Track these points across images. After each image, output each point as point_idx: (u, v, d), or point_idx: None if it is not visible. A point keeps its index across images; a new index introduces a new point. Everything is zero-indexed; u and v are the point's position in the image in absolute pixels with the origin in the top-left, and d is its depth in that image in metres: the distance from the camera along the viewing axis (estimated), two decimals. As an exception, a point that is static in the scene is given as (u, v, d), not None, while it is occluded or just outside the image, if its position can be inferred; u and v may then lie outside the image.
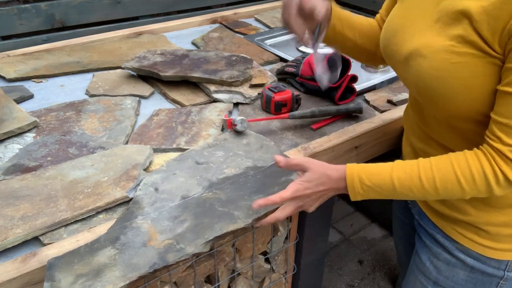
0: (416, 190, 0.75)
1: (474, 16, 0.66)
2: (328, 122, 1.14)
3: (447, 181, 0.72)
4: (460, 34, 0.68)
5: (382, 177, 0.76)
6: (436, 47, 0.71)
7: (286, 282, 1.13)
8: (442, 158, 0.74)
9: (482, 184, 0.70)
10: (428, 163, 0.74)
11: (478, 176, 0.70)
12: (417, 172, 0.74)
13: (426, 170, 0.74)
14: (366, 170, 0.78)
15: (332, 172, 0.80)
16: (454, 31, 0.69)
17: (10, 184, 0.87)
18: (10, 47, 1.54)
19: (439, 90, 0.73)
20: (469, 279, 0.88)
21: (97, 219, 0.82)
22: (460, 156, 0.72)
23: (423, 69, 0.74)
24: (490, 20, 0.65)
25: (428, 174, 0.73)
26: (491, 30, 0.65)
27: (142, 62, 1.33)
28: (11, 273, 0.70)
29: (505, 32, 0.64)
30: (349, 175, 0.78)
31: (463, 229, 0.85)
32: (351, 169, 0.78)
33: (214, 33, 1.68)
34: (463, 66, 0.69)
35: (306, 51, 1.56)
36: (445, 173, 0.72)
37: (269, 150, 0.98)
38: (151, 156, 0.98)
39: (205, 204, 0.83)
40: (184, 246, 0.74)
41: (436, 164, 0.74)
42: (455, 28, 0.69)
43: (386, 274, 1.90)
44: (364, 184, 0.77)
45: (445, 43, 0.70)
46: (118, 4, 1.76)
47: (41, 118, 1.11)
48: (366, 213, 2.22)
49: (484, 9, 0.65)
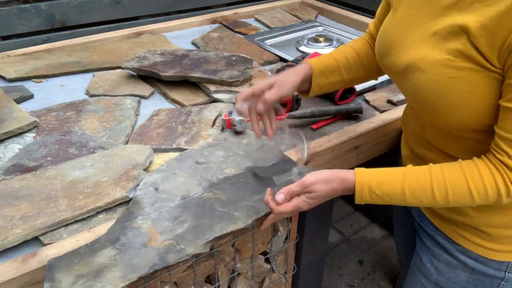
0: (426, 200, 0.74)
1: (472, 31, 0.65)
2: (328, 122, 1.14)
3: (459, 195, 0.72)
4: (457, 48, 0.68)
5: (393, 187, 0.74)
6: (433, 61, 0.71)
7: (286, 282, 1.13)
8: (454, 169, 0.72)
9: (493, 196, 0.70)
10: (441, 174, 0.72)
11: (491, 190, 0.70)
12: (430, 183, 0.73)
13: (439, 181, 0.72)
14: (377, 178, 0.75)
15: (337, 185, 0.77)
16: (452, 45, 0.68)
17: (10, 184, 0.87)
18: (10, 47, 1.54)
19: (438, 103, 0.72)
20: (470, 281, 0.88)
21: (97, 219, 0.82)
22: (473, 168, 0.71)
23: (421, 83, 0.73)
24: (488, 35, 0.64)
25: (441, 186, 0.72)
26: (489, 46, 0.64)
27: (142, 62, 1.33)
28: (11, 273, 0.70)
29: (504, 48, 0.63)
30: (358, 183, 0.75)
31: (464, 231, 0.85)
32: (361, 177, 0.76)
33: (214, 33, 1.68)
34: (462, 80, 0.68)
35: (306, 51, 1.57)
36: (458, 186, 0.71)
37: (269, 150, 0.98)
38: (151, 156, 0.98)
39: (205, 204, 0.83)
40: (184, 247, 0.74)
41: (448, 175, 0.72)
42: (453, 42, 0.68)
43: (386, 274, 1.90)
44: (373, 193, 0.75)
45: (442, 56, 0.69)
46: (118, 4, 1.76)
47: (41, 118, 1.11)
48: (366, 213, 2.22)
49: (482, 24, 0.64)
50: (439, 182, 0.72)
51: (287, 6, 2.03)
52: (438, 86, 0.70)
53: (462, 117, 0.71)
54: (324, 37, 1.62)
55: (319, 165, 1.03)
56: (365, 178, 0.75)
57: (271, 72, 1.36)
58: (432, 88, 0.71)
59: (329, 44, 1.60)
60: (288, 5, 2.03)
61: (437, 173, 0.73)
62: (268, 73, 1.33)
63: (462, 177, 0.71)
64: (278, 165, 0.93)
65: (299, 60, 1.30)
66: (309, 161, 1.00)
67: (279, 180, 0.89)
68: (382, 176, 0.75)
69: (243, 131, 1.04)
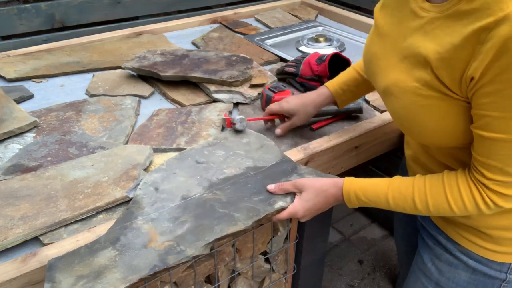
0: (409, 209, 0.78)
1: (433, 63, 0.67)
2: (328, 122, 1.14)
3: (439, 207, 0.75)
4: (423, 78, 0.70)
5: (377, 195, 0.79)
6: (404, 88, 0.73)
7: (286, 282, 1.13)
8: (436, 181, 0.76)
9: (473, 210, 0.73)
10: (423, 186, 0.76)
11: (469, 204, 0.73)
12: (411, 194, 0.76)
13: (420, 193, 0.76)
14: (363, 187, 0.80)
15: (328, 187, 0.83)
16: (418, 74, 0.71)
17: (10, 184, 0.87)
18: (10, 47, 1.54)
19: (415, 129, 0.76)
20: (470, 281, 0.88)
21: (97, 219, 0.82)
22: (453, 183, 0.74)
23: (395, 108, 0.77)
24: (447, 68, 0.66)
25: (422, 197, 0.76)
26: (450, 77, 0.66)
27: (142, 62, 1.32)
28: (11, 273, 0.70)
29: (463, 80, 0.65)
30: (346, 191, 0.81)
31: (466, 232, 0.85)
32: (349, 185, 0.81)
33: (214, 33, 1.68)
34: (431, 108, 0.71)
35: (306, 51, 1.57)
36: (438, 198, 0.75)
37: (270, 150, 0.98)
38: (151, 156, 0.98)
39: (205, 205, 0.83)
40: (184, 248, 0.74)
41: (430, 188, 0.75)
42: (419, 70, 0.71)
43: (386, 274, 1.90)
44: (360, 200, 0.80)
45: (412, 84, 0.72)
46: (118, 4, 1.76)
47: (41, 118, 1.11)
48: (366, 213, 2.22)
49: (441, 56, 0.66)
50: (421, 193, 0.76)
51: (287, 6, 2.03)
52: (411, 113, 0.74)
53: (439, 139, 0.75)
54: (324, 37, 1.62)
55: (319, 165, 1.03)
56: (352, 186, 0.81)
57: (271, 72, 1.36)
58: (406, 114, 0.75)
59: (329, 44, 1.60)
60: (288, 5, 2.03)
61: (420, 185, 0.76)
62: (268, 73, 1.33)
63: (442, 191, 0.74)
64: (278, 165, 0.93)
65: (299, 60, 1.30)
66: (309, 161, 1.00)
67: (279, 181, 0.89)
68: (368, 185, 0.81)
69: (243, 129, 1.04)
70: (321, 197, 0.83)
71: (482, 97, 0.63)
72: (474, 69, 0.62)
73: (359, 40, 1.67)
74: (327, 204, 0.84)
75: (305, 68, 1.26)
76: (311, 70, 1.24)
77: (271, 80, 1.31)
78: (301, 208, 0.83)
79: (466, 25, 0.63)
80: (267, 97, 1.15)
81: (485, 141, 0.67)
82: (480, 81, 0.62)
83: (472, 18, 0.63)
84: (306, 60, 1.27)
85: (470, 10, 0.63)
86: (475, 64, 0.62)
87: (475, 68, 0.62)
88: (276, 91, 1.14)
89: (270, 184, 0.86)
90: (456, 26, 0.65)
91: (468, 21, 0.63)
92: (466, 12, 0.64)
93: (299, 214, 0.83)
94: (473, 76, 0.63)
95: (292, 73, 1.30)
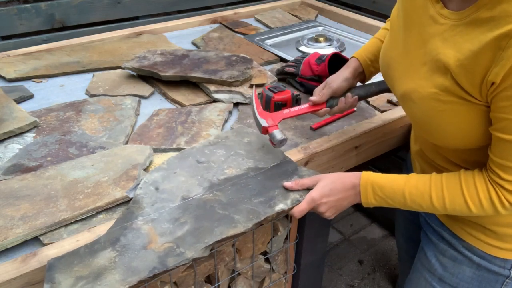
0: (426, 206, 0.78)
1: (453, 70, 0.69)
2: (328, 122, 1.14)
3: (455, 203, 0.75)
4: (443, 84, 0.71)
5: (394, 190, 0.79)
6: (423, 93, 0.74)
7: (286, 282, 1.13)
8: (453, 179, 0.76)
9: (489, 209, 0.73)
10: (440, 182, 0.77)
11: (485, 202, 0.73)
12: (429, 190, 0.77)
13: (437, 189, 0.76)
14: (380, 181, 0.80)
15: (345, 175, 0.83)
16: (439, 80, 0.72)
17: (10, 184, 0.87)
18: (10, 47, 1.54)
19: (433, 132, 0.77)
20: (475, 277, 0.89)
21: (97, 219, 0.82)
22: (470, 181, 0.74)
23: (415, 113, 0.78)
24: (467, 74, 0.67)
25: (439, 194, 0.76)
26: (470, 83, 0.67)
27: (142, 62, 1.32)
28: (11, 273, 0.70)
29: (483, 85, 0.66)
30: (363, 182, 0.81)
31: (471, 228, 0.86)
32: (366, 177, 0.81)
33: (214, 33, 1.68)
34: (450, 113, 0.72)
35: (306, 51, 1.56)
36: (454, 195, 0.75)
37: (270, 150, 0.98)
38: (151, 156, 0.98)
39: (205, 206, 0.83)
40: (184, 250, 0.73)
41: (447, 184, 0.76)
42: (439, 76, 0.72)
43: (386, 274, 1.90)
44: (376, 195, 0.80)
45: (431, 90, 0.73)
46: (118, 4, 1.76)
47: (41, 118, 1.11)
48: (366, 213, 2.22)
49: (461, 62, 0.68)
50: (437, 189, 0.76)
51: (287, 6, 2.03)
52: (431, 118, 0.75)
53: (458, 142, 0.76)
54: (324, 37, 1.62)
55: (319, 165, 1.03)
56: (369, 178, 0.81)
57: (271, 72, 1.36)
58: (425, 119, 0.76)
59: (329, 44, 1.60)
60: (288, 5, 2.03)
61: (437, 181, 0.77)
62: (268, 73, 1.33)
63: (459, 187, 0.75)
64: (279, 167, 0.93)
65: (299, 60, 1.30)
66: (309, 161, 1.00)
67: (279, 183, 0.89)
68: (385, 179, 0.81)
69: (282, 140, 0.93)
70: (339, 183, 0.82)
71: (502, 100, 0.65)
72: (495, 74, 0.64)
73: (359, 40, 1.67)
74: (345, 191, 0.82)
75: (305, 68, 1.26)
76: (311, 70, 1.24)
77: (271, 80, 1.31)
78: (319, 194, 0.81)
79: (485, 32, 0.65)
80: (267, 97, 1.15)
81: (503, 143, 0.68)
82: (500, 86, 0.64)
83: (491, 25, 0.64)
84: (306, 60, 1.27)
85: (490, 18, 0.64)
86: (496, 70, 0.63)
87: (496, 73, 0.63)
88: (276, 91, 1.14)
89: (287, 182, 0.86)
90: (476, 33, 0.66)
91: (488, 28, 0.65)
92: (486, 20, 0.65)
93: (317, 201, 0.81)
94: (494, 81, 0.64)
95: (292, 73, 1.30)
